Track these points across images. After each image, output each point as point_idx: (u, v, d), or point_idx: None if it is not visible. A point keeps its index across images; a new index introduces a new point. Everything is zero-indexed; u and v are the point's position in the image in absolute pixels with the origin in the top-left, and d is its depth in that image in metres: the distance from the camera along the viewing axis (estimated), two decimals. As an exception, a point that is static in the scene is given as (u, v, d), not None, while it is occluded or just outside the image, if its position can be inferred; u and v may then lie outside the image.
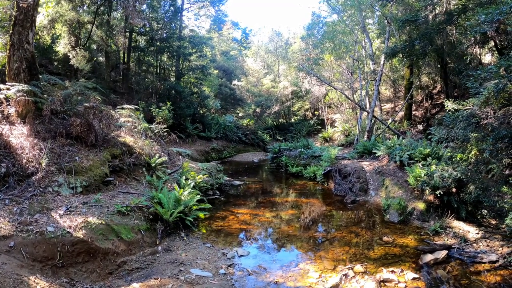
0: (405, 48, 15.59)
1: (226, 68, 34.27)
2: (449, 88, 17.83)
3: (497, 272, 6.40)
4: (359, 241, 8.21)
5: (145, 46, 23.97)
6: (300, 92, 35.94)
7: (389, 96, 29.60)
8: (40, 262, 5.33)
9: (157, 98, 22.56)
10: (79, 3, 18.77)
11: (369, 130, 18.82)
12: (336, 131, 28.19)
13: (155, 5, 23.44)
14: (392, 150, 13.04)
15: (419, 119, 22.54)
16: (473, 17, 10.15)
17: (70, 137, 8.98)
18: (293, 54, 38.81)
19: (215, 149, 23.57)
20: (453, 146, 9.41)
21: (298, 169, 17.57)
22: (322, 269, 6.62)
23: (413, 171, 10.32)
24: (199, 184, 11.45)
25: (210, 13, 32.08)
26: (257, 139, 29.88)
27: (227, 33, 41.58)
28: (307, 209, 11.54)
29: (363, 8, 21.85)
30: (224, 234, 8.76)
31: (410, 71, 21.58)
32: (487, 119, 7.37)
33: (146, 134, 13.07)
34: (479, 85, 7.83)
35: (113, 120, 11.05)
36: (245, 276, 6.37)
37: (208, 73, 27.91)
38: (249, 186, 15.05)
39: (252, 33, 50.72)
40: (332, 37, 24.11)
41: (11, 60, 9.11)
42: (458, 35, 15.43)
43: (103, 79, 20.11)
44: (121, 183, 9.57)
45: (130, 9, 17.84)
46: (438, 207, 9.29)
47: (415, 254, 7.26)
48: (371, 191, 12.43)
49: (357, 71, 23.64)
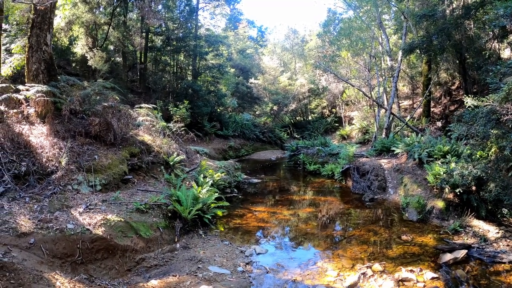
0: (423, 44, 15.30)
1: (242, 67, 34.28)
2: (468, 84, 17.43)
3: (518, 272, 6.22)
4: (377, 240, 8.09)
5: (162, 45, 24.12)
6: (317, 90, 35.66)
7: (407, 93, 29.15)
8: (60, 258, 5.39)
9: (174, 97, 22.71)
10: (95, 5, 19.01)
11: (387, 127, 18.56)
12: (354, 129, 27.90)
13: (171, 5, 23.59)
14: (410, 148, 12.82)
15: (438, 116, 22.14)
16: (491, 10, 9.87)
17: (89, 136, 9.09)
18: (310, 52, 38.56)
19: (232, 147, 23.60)
20: (472, 143, 9.15)
21: (315, 167, 17.44)
22: (340, 267, 6.54)
23: (432, 169, 10.11)
24: (217, 182, 11.47)
25: (226, 12, 32.21)
26: (274, 137, 29.80)
27: (243, 31, 41.61)
28: (325, 207, 11.45)
29: (380, 4, 21.54)
30: (242, 232, 8.75)
31: (428, 67, 21.16)
32: (508, 115, 7.15)
33: (164, 133, 13.15)
34: (499, 80, 7.60)
35: (131, 119, 11.15)
36: (263, 273, 6.34)
37: (225, 72, 27.93)
38: (266, 184, 15.01)
39: (268, 31, 50.78)
40: (348, 34, 23.81)
41: (30, 61, 9.28)
42: (476, 29, 15.06)
43: (121, 79, 20.37)
44: (139, 181, 9.64)
45: (146, 10, 18.00)
46: (457, 205, 9.06)
47: (434, 253, 7.10)
48: (389, 189, 12.25)
49: (375, 68, 23.33)
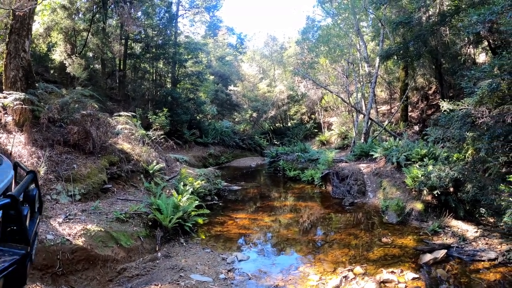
0: (400, 50, 15.66)
1: (222, 74, 34.29)
2: (444, 89, 17.89)
3: (497, 269, 6.43)
4: (358, 243, 8.23)
5: (141, 53, 23.95)
6: (296, 96, 35.98)
7: (384, 98, 29.70)
8: (40, 270, 5.32)
9: (154, 104, 22.54)
10: (75, 11, 18.79)
11: (366, 132, 18.86)
12: (333, 134, 28.22)
13: (150, 12, 23.46)
14: (389, 152, 13.08)
15: (415, 120, 22.62)
16: (466, 17, 10.21)
17: (68, 144, 8.99)
18: (289, 59, 38.92)
19: (212, 154, 23.55)
20: (449, 146, 9.44)
21: (295, 173, 17.57)
22: (322, 271, 6.63)
23: (410, 172, 10.36)
24: (197, 190, 11.45)
25: (205, 19, 32.22)
26: (254, 144, 29.85)
27: (222, 38, 41.67)
28: (306, 212, 11.56)
29: (357, 11, 21.98)
30: (223, 239, 8.76)
31: (405, 72, 21.66)
32: (482, 118, 7.41)
33: (143, 141, 13.06)
34: (473, 84, 7.87)
35: (110, 128, 11.06)
36: (246, 280, 6.37)
37: (204, 79, 27.90)
38: (247, 191, 15.04)
39: (247, 38, 50.78)
40: (326, 41, 24.18)
41: (7, 68, 9.13)
42: (451, 36, 15.52)
43: (100, 87, 20.09)
44: (119, 190, 9.56)
45: (126, 16, 17.86)
46: (436, 207, 9.33)
47: (415, 254, 7.28)
48: (369, 193, 12.45)
49: (353, 74, 23.71)
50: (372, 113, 20.97)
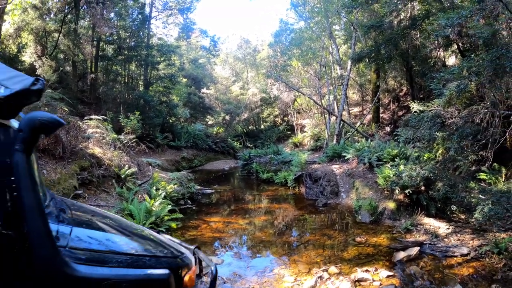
0: (371, 53, 15.89)
1: (194, 76, 34.03)
2: (415, 91, 18.30)
3: (469, 264, 6.56)
4: (332, 243, 8.26)
5: (113, 55, 23.42)
6: (269, 99, 36.05)
7: (356, 100, 30.15)
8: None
9: (126, 108, 22.09)
10: (46, 11, 18.22)
11: (338, 133, 19.07)
12: (306, 136, 28.43)
13: (123, 13, 23.00)
14: (361, 153, 13.24)
15: (387, 121, 23.04)
16: (435, 21, 10.46)
17: (37, 149, 8.67)
18: (262, 61, 39.04)
19: (185, 158, 23.28)
20: (420, 146, 9.66)
21: (269, 175, 17.56)
22: (297, 272, 6.60)
23: (382, 172, 10.51)
24: (170, 194, 11.26)
25: (179, 21, 31.82)
26: (227, 146, 29.72)
27: (196, 41, 41.39)
28: (280, 214, 11.54)
29: (330, 15, 22.24)
30: (198, 244, 8.60)
31: (377, 75, 22.02)
32: (452, 118, 7.60)
33: (115, 145, 12.75)
34: (442, 86, 8.07)
35: (81, 132, 10.74)
36: (220, 284, 6.26)
37: (177, 82, 27.56)
38: (221, 194, 14.92)
39: (220, 40, 50.47)
40: (299, 44, 24.37)
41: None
42: (422, 39, 15.85)
43: (70, 89, 19.56)
44: (90, 196, 9.28)
45: (98, 17, 17.48)
46: (408, 205, 9.49)
47: (388, 253, 7.35)
48: (342, 194, 12.55)
49: (325, 77, 23.97)
50: (344, 115, 21.27)
